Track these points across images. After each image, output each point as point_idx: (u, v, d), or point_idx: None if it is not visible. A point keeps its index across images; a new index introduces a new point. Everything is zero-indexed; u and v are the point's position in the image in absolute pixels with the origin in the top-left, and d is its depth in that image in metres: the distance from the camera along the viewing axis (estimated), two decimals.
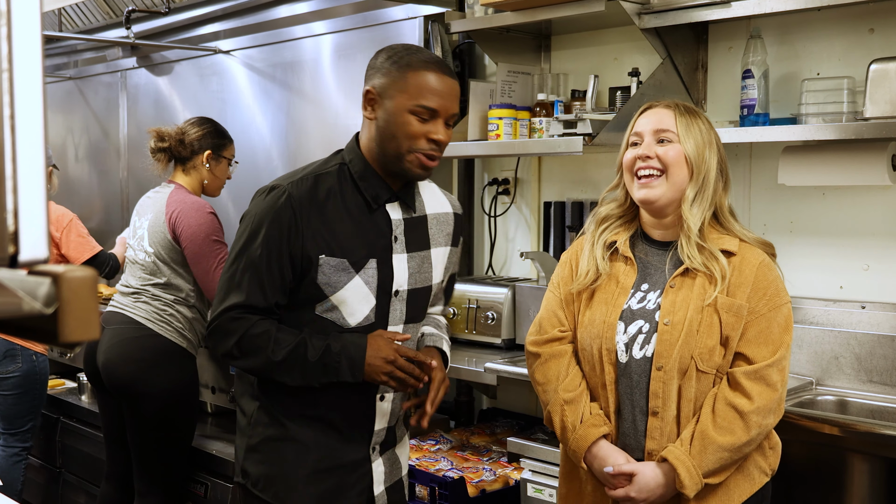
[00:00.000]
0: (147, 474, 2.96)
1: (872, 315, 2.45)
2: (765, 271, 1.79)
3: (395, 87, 1.78)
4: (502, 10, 2.86)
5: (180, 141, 3.01)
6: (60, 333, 0.63)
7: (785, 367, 1.78)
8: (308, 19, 3.62)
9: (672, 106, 1.84)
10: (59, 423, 3.96)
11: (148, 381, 2.88)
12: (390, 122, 1.78)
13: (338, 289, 1.81)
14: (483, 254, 3.41)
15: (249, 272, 1.81)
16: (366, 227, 1.84)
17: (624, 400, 1.82)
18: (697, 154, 1.79)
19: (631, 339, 1.81)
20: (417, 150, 1.79)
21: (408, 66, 1.78)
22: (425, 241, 1.93)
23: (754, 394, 1.74)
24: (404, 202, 1.89)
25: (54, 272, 0.64)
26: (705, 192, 1.80)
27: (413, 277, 1.89)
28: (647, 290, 1.84)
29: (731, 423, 1.74)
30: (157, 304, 2.93)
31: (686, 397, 1.78)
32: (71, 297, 0.64)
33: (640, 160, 1.81)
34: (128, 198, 4.66)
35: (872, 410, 2.39)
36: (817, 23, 2.54)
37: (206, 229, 2.88)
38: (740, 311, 1.76)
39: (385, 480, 1.97)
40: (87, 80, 4.98)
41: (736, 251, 1.80)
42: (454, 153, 3.05)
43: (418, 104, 1.76)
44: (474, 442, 2.99)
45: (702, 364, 1.76)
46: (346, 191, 1.84)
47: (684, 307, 1.78)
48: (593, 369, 1.86)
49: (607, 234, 1.89)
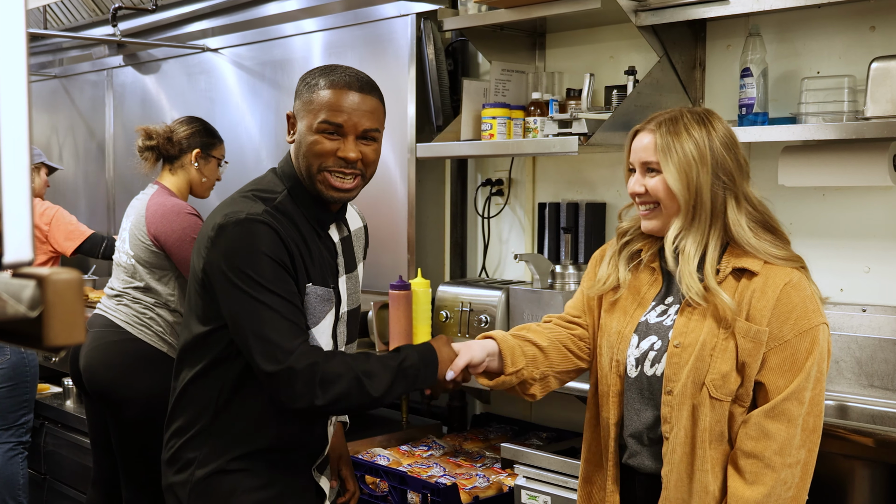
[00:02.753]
0: (133, 481, 2.94)
1: (873, 318, 2.43)
2: (790, 293, 1.66)
3: (305, 108, 1.76)
4: (496, 8, 2.84)
5: (168, 139, 2.98)
6: (45, 337, 0.64)
7: (805, 398, 1.64)
8: (298, 17, 3.61)
9: (655, 128, 1.73)
10: (45, 428, 3.94)
11: (128, 385, 2.85)
12: (301, 142, 1.76)
13: (319, 320, 1.77)
14: (476, 256, 3.38)
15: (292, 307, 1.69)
16: (322, 253, 1.81)
17: (630, 415, 1.77)
18: (679, 181, 1.69)
19: (643, 354, 1.76)
20: (325, 169, 1.75)
21: (315, 86, 1.75)
22: (353, 261, 1.92)
23: (773, 432, 1.63)
24: (340, 223, 1.87)
25: (39, 275, 0.64)
26: (702, 216, 1.69)
27: (350, 298, 1.88)
28: (670, 303, 1.78)
29: (758, 473, 1.64)
30: (137, 307, 2.90)
31: (701, 426, 1.68)
32: (56, 300, 0.63)
33: (637, 196, 1.77)
34: (114, 198, 4.63)
35: (873, 415, 2.36)
36: (817, 20, 2.52)
37: (188, 232, 2.84)
38: (759, 336, 1.65)
39: (330, 496, 1.99)
40: (72, 78, 4.97)
41: (758, 271, 1.68)
42: (447, 153, 3.03)
43: (322, 120, 1.73)
44: (467, 448, 2.97)
45: (715, 391, 1.66)
46: (300, 218, 1.78)
47: (698, 329, 1.69)
48: (604, 377, 1.82)
49: (633, 245, 1.84)
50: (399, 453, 2.87)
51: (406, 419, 3.23)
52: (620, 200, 2.82)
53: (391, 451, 2.89)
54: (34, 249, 0.67)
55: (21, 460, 3.71)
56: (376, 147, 1.79)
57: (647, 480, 1.76)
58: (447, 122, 3.11)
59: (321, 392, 1.65)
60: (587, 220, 2.95)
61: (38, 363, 3.74)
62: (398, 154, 3.20)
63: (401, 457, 2.84)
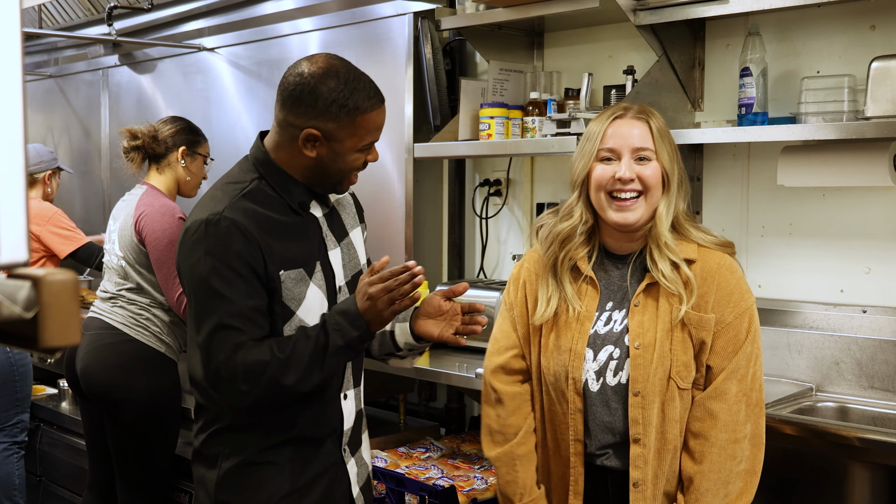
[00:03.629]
0: (129, 483, 2.93)
1: (874, 319, 2.42)
2: (726, 275, 1.74)
3: (345, 132, 1.77)
4: (494, 7, 2.83)
5: (153, 137, 2.98)
6: (41, 338, 0.63)
7: (745, 374, 1.72)
8: (294, 16, 3.59)
9: (642, 115, 1.76)
10: (40, 430, 3.92)
11: (126, 387, 2.83)
12: (338, 160, 1.80)
13: (301, 300, 1.79)
14: (474, 256, 3.37)
15: (233, 310, 1.71)
16: (302, 232, 1.84)
17: (601, 428, 1.77)
18: (670, 166, 1.75)
19: (602, 366, 1.76)
20: (351, 175, 1.84)
21: (356, 110, 1.76)
22: (343, 229, 1.94)
23: (716, 411, 1.71)
24: (320, 199, 1.90)
25: (34, 275, 0.63)
26: (672, 202, 1.76)
27: (346, 268, 1.91)
28: (611, 308, 1.79)
29: (704, 452, 1.71)
30: (132, 308, 2.89)
31: (671, 418, 1.73)
32: (51, 300, 0.63)
33: (621, 182, 1.73)
34: (109, 199, 4.61)
35: (874, 417, 2.36)
36: (817, 19, 2.51)
37: (170, 234, 2.83)
38: (708, 323, 1.73)
39: (359, 481, 1.96)
40: (67, 78, 4.95)
41: (695, 258, 1.75)
42: (444, 153, 3.02)
43: (366, 143, 1.80)
44: (465, 450, 2.95)
45: (682, 382, 1.73)
46: (273, 203, 1.81)
47: (652, 327, 1.73)
48: (559, 398, 1.80)
49: (572, 255, 1.79)
50: (397, 455, 2.86)
51: (404, 421, 3.21)
52: None
53: (389, 452, 2.87)
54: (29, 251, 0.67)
55: (17, 460, 3.70)
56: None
57: (619, 478, 1.78)
58: (445, 122, 3.10)
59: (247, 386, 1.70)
60: None
61: (29, 361, 3.72)
62: (395, 154, 3.19)
63: (398, 459, 2.83)
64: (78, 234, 3.77)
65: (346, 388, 1.89)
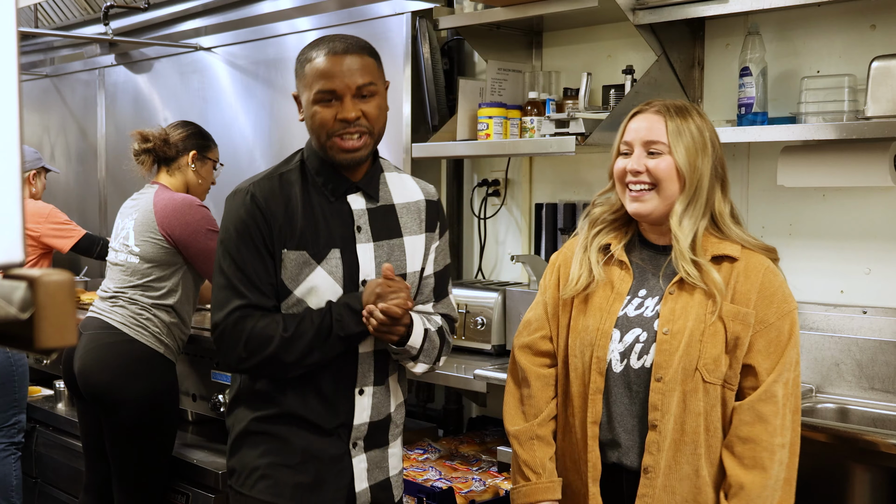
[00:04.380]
0: (126, 485, 2.91)
1: (874, 320, 2.42)
2: (770, 277, 1.74)
3: (302, 84, 1.85)
4: (492, 6, 2.82)
5: (164, 141, 2.99)
6: (37, 339, 0.63)
7: (789, 380, 1.72)
8: (291, 15, 3.59)
9: (662, 110, 1.77)
10: (36, 431, 3.90)
11: (124, 388, 2.82)
12: (307, 118, 1.85)
13: (299, 282, 1.84)
14: (472, 257, 3.36)
15: (240, 275, 1.83)
16: (328, 219, 1.87)
17: (621, 410, 1.77)
18: (689, 164, 1.74)
19: (628, 348, 1.76)
20: (333, 135, 1.82)
21: (306, 61, 1.83)
22: (396, 230, 1.92)
23: (767, 415, 1.69)
24: (366, 192, 1.91)
25: (30, 276, 0.63)
26: (698, 202, 1.75)
27: (379, 266, 1.89)
28: (644, 296, 1.80)
29: (756, 457, 1.68)
30: (133, 307, 2.88)
31: (693, 411, 1.72)
32: (47, 301, 0.63)
33: (631, 174, 1.77)
34: (106, 199, 4.60)
35: (874, 419, 2.35)
36: (817, 19, 2.51)
37: (202, 223, 2.86)
38: (747, 318, 1.71)
39: (369, 478, 1.95)
40: (64, 77, 4.94)
41: (738, 256, 1.75)
42: (442, 153, 3.01)
43: (317, 91, 1.80)
44: (463, 451, 2.94)
45: (708, 375, 1.71)
46: (308, 186, 1.89)
47: (685, 315, 1.72)
48: (580, 378, 1.81)
49: (601, 238, 1.85)
50: None
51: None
52: None
53: None
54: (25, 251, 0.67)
55: (14, 461, 3.69)
56: (378, 102, 1.83)
57: (634, 478, 1.76)
58: (443, 122, 3.09)
59: (246, 353, 1.81)
60: None
61: (27, 362, 3.71)
62: (393, 154, 3.17)
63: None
64: (74, 227, 3.84)
65: (364, 384, 1.90)
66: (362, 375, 1.90)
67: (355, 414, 1.90)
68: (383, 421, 1.95)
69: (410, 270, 1.93)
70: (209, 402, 3.22)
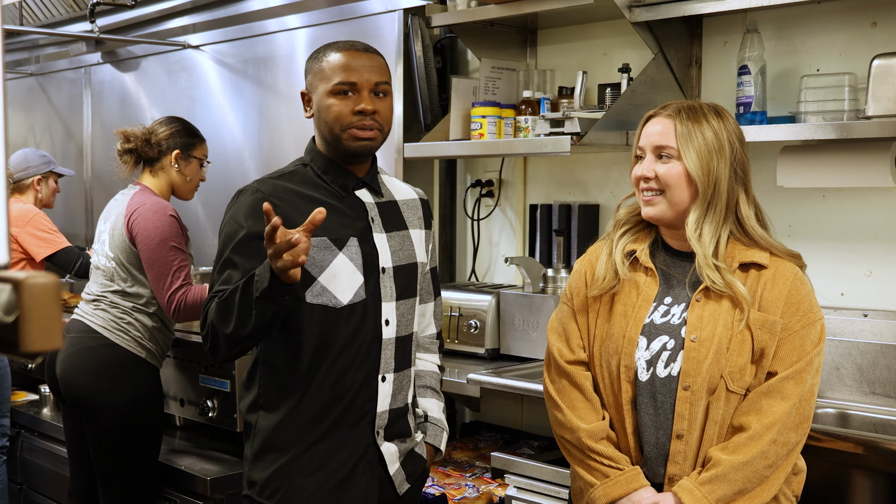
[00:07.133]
0: (111, 491, 2.88)
1: (875, 323, 2.39)
2: (798, 286, 1.72)
3: (316, 80, 1.91)
4: (486, 3, 2.81)
5: (146, 141, 2.93)
6: (21, 343, 0.62)
7: (805, 380, 1.69)
8: (282, 12, 3.56)
9: (674, 114, 1.74)
10: (21, 437, 3.86)
11: (105, 392, 2.79)
12: (320, 111, 1.90)
13: (324, 268, 1.87)
14: (466, 259, 3.33)
15: (242, 271, 1.83)
16: (341, 211, 1.92)
17: (645, 420, 1.73)
18: (701, 169, 1.70)
19: (654, 356, 1.73)
20: (349, 127, 1.88)
21: (323, 57, 1.91)
22: (402, 223, 2.01)
23: (765, 408, 1.66)
24: (371, 188, 1.98)
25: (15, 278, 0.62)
26: (717, 207, 1.71)
27: (396, 255, 1.96)
28: (670, 303, 1.76)
29: (740, 444, 1.66)
30: (115, 311, 2.84)
31: (712, 419, 1.69)
32: (33, 304, 0.62)
33: (643, 180, 1.76)
34: (92, 200, 4.55)
35: (875, 424, 2.33)
36: (817, 16, 2.49)
37: (162, 233, 2.77)
38: (774, 327, 1.68)
39: (400, 457, 1.99)
40: (49, 76, 4.91)
41: (767, 264, 1.72)
42: (435, 153, 2.98)
43: (337, 83, 1.87)
44: (456, 457, 2.92)
45: (732, 384, 1.68)
46: (312, 184, 1.94)
47: (712, 323, 1.69)
48: (609, 387, 1.77)
49: (626, 240, 1.83)
50: None
51: None
52: (614, 202, 2.77)
53: None
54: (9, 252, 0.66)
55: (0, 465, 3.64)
56: (389, 103, 1.92)
57: (658, 489, 1.74)
58: (435, 122, 3.07)
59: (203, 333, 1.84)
60: (580, 223, 2.92)
61: (7, 365, 3.66)
62: (385, 154, 3.13)
63: None
64: (58, 237, 3.71)
65: (386, 370, 1.93)
66: (385, 362, 1.93)
67: (378, 401, 1.92)
68: (402, 409, 1.98)
69: (420, 260, 2.02)
70: (197, 407, 3.17)
